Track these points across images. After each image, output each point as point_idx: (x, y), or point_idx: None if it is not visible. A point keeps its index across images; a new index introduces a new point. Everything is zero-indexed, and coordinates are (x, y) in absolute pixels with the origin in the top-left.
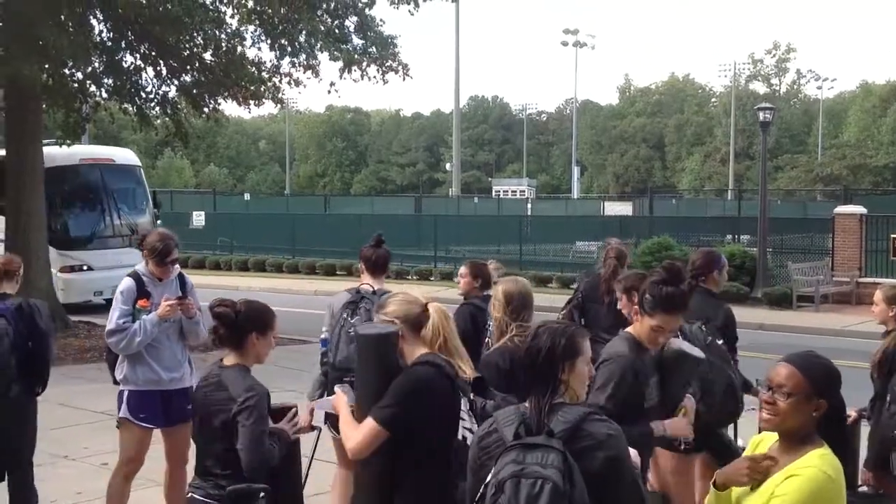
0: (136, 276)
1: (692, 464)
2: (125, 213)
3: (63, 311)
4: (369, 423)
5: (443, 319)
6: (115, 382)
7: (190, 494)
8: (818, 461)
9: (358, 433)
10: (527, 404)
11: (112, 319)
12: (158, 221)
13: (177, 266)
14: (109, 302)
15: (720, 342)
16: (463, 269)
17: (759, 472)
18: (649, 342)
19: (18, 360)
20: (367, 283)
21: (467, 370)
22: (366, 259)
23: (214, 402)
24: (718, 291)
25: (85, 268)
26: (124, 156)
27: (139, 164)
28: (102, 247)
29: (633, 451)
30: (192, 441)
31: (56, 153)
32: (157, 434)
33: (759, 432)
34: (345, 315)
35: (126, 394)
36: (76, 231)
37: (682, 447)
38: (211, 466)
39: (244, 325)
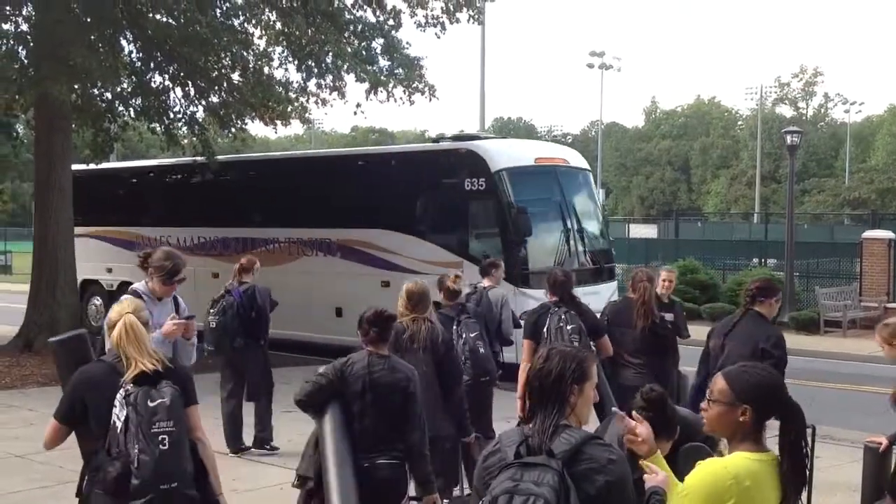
0: (136, 295)
1: None
2: (588, 236)
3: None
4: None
5: (120, 330)
6: None
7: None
8: (731, 459)
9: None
10: (531, 425)
11: None
12: (613, 251)
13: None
14: None
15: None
16: None
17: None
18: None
19: (241, 323)
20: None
21: (147, 364)
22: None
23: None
24: (771, 318)
25: None
26: (575, 156)
27: (588, 167)
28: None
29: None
30: None
31: (505, 149)
32: None
33: None
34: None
35: None
36: (539, 261)
37: None
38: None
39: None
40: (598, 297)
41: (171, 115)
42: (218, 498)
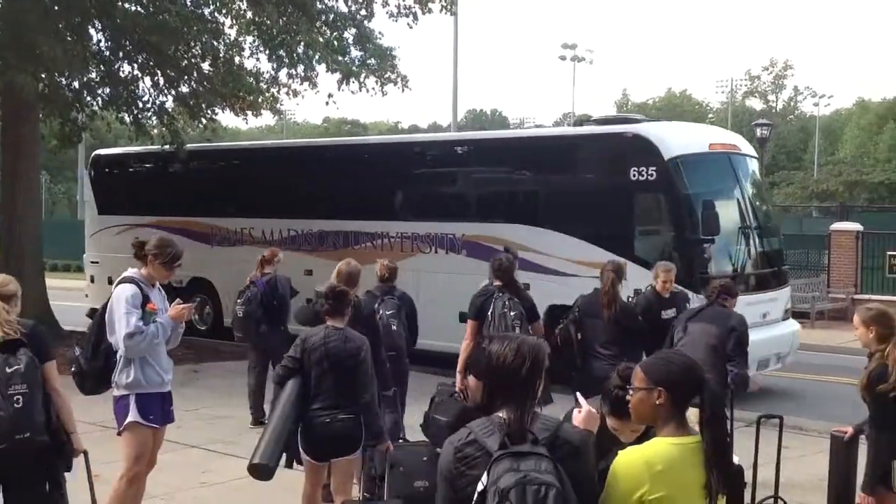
0: (134, 282)
1: None
2: (764, 234)
3: (55, 318)
4: None
5: None
6: (88, 393)
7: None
8: (647, 445)
9: None
10: (501, 414)
11: (130, 323)
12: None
13: None
14: None
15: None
16: None
17: None
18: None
19: (265, 311)
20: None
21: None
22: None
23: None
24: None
25: None
26: (743, 141)
27: (756, 154)
28: (751, 289)
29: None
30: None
31: (677, 133)
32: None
33: None
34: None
35: (133, 398)
36: (718, 264)
37: None
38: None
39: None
40: (776, 304)
41: (140, 105)
42: (70, 437)
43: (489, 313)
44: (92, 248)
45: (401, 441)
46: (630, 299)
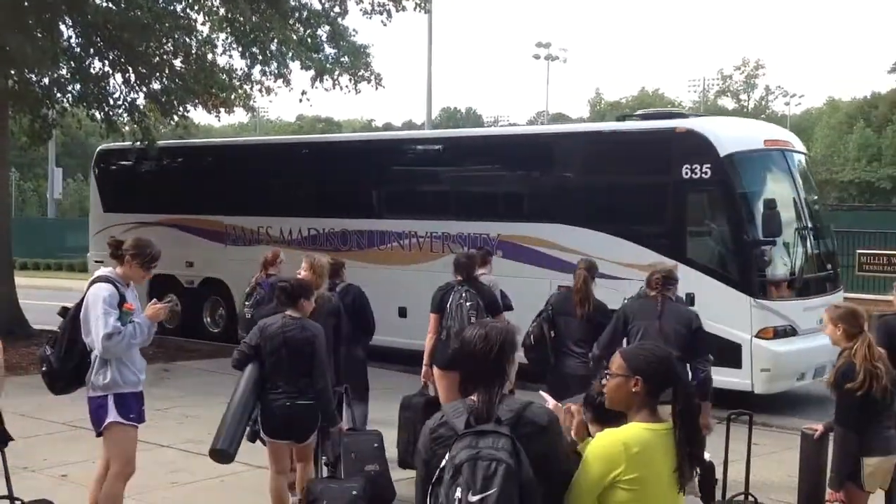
0: (111, 282)
1: None
2: (820, 235)
3: (24, 317)
4: None
5: None
6: (59, 392)
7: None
8: (624, 428)
9: None
10: (473, 397)
11: (107, 323)
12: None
13: None
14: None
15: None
16: None
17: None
18: None
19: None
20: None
21: None
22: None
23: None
24: None
25: (788, 330)
26: (794, 137)
27: (806, 151)
28: (810, 293)
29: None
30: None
31: (732, 129)
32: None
33: None
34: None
35: (112, 398)
36: (776, 267)
37: None
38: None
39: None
40: (820, 311)
41: (111, 102)
42: None
43: (447, 306)
44: (96, 247)
45: (350, 429)
46: (625, 300)
